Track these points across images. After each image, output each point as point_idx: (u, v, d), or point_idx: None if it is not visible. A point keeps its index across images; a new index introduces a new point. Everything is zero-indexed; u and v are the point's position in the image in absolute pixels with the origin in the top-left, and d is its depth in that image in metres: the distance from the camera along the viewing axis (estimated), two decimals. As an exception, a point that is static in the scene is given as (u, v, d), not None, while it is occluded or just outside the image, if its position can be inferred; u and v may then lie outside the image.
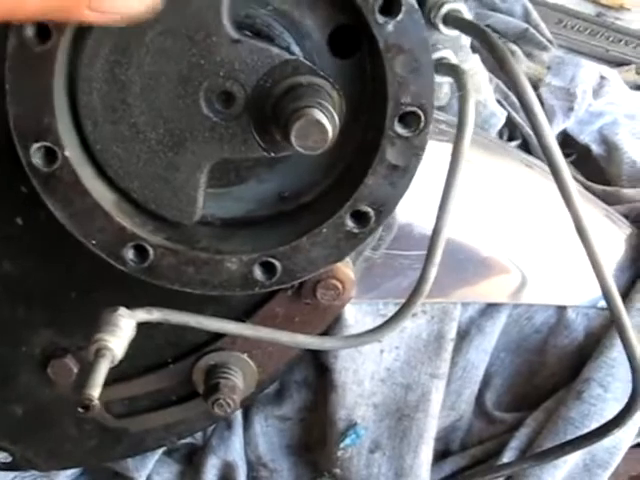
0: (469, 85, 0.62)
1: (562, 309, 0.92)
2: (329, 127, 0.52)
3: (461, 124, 0.61)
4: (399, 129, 0.57)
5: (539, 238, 0.88)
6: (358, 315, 0.84)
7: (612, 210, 0.99)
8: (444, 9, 0.69)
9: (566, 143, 1.21)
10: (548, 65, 1.30)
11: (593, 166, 1.18)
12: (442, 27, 0.70)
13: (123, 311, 0.60)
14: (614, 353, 0.87)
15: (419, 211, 0.78)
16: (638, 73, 1.48)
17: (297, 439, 0.93)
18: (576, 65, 1.26)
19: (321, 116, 0.52)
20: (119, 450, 0.84)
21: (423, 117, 0.56)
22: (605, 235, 0.93)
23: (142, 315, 0.62)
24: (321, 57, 0.59)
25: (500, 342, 0.92)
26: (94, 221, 0.60)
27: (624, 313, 0.70)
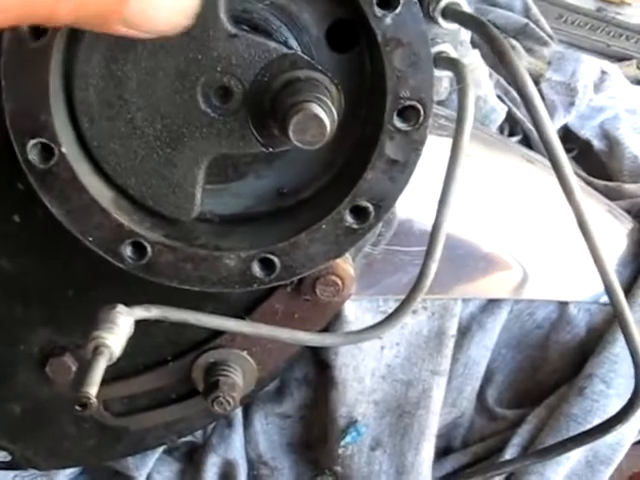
0: (469, 79, 0.61)
1: (564, 305, 0.92)
2: (327, 121, 0.52)
3: (461, 118, 0.61)
4: (398, 123, 0.56)
5: (540, 233, 0.88)
6: (358, 312, 0.84)
7: (614, 205, 0.99)
8: (443, 2, 0.68)
9: (567, 138, 1.21)
10: (549, 60, 1.29)
11: (594, 161, 1.18)
12: (441, 20, 0.69)
13: (121, 308, 0.60)
14: (617, 349, 0.86)
15: (419, 206, 0.78)
16: (639, 68, 1.47)
17: (298, 437, 0.93)
18: (577, 60, 1.26)
19: (319, 110, 0.52)
20: (119, 449, 0.84)
21: (422, 111, 0.56)
22: (607, 230, 0.93)
23: (140, 312, 0.61)
24: (319, 51, 0.58)
25: (501, 338, 0.92)
26: (91, 218, 0.59)
27: (627, 308, 0.70)
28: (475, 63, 0.98)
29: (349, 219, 0.60)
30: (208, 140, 0.57)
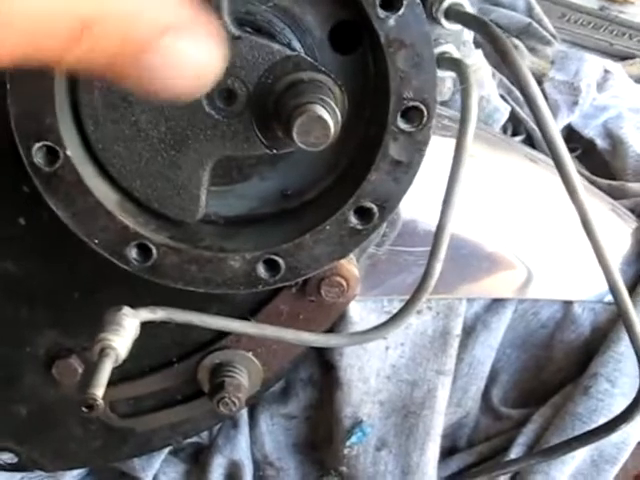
0: (472, 79, 0.61)
1: (568, 304, 0.91)
2: (331, 123, 0.52)
3: (464, 118, 0.61)
4: (402, 124, 0.56)
5: (544, 233, 0.88)
6: (363, 312, 0.84)
7: (618, 204, 0.98)
8: (446, 3, 0.69)
9: (571, 137, 1.21)
10: (552, 60, 1.29)
11: (598, 160, 1.18)
12: (444, 21, 0.70)
13: (127, 310, 0.60)
14: (621, 347, 0.86)
15: (423, 207, 0.78)
16: (642, 66, 1.47)
17: (303, 437, 0.93)
18: (580, 59, 1.25)
19: (323, 112, 0.52)
20: (125, 450, 0.84)
21: (426, 112, 0.56)
22: (611, 229, 0.93)
23: (146, 314, 0.61)
24: (322, 53, 0.58)
25: (506, 338, 0.92)
26: (97, 220, 0.59)
27: (631, 307, 0.70)
28: (478, 63, 0.98)
29: (353, 220, 0.60)
30: (212, 142, 0.57)
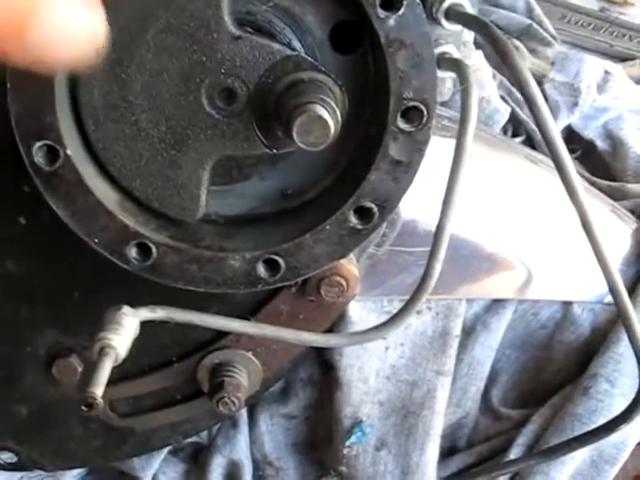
0: (472, 79, 0.61)
1: (568, 304, 0.92)
2: (331, 123, 0.52)
3: (464, 118, 0.61)
4: (402, 124, 0.57)
5: (544, 234, 0.88)
6: (362, 312, 0.84)
7: (618, 205, 0.99)
8: (446, 3, 0.69)
9: (571, 139, 1.21)
10: (552, 61, 1.29)
11: (598, 161, 1.18)
12: (444, 21, 0.70)
13: (127, 310, 0.60)
14: (621, 348, 0.86)
15: (423, 207, 0.78)
16: (643, 68, 1.47)
17: (303, 437, 0.93)
18: (580, 60, 1.26)
19: (323, 112, 0.52)
20: (125, 449, 0.84)
21: (426, 112, 0.56)
22: (611, 230, 0.93)
23: (146, 314, 0.61)
24: (323, 53, 0.58)
25: (506, 338, 0.92)
26: (97, 220, 0.60)
27: (631, 308, 0.70)
28: (478, 64, 0.98)
29: (353, 220, 0.60)
30: (212, 142, 0.57)
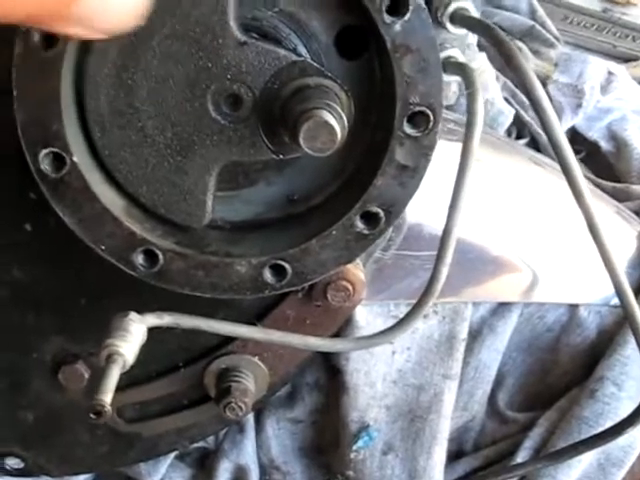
0: (478, 83, 0.61)
1: (574, 307, 0.91)
2: (337, 128, 0.52)
3: (470, 123, 0.61)
4: (408, 129, 0.56)
5: (550, 236, 0.88)
6: (369, 317, 0.84)
7: (623, 207, 0.98)
8: (451, 7, 0.69)
9: (575, 140, 1.20)
10: (555, 62, 1.29)
11: (602, 163, 1.18)
12: (449, 26, 0.70)
13: (134, 316, 0.60)
14: (628, 351, 0.86)
15: (429, 211, 0.78)
16: (646, 68, 1.47)
17: (309, 442, 0.93)
18: (583, 61, 1.25)
19: (329, 117, 0.52)
20: (131, 455, 0.84)
21: (432, 117, 0.56)
22: (616, 232, 0.93)
23: (153, 320, 0.61)
24: (329, 58, 0.58)
25: (512, 341, 0.92)
26: (103, 226, 0.60)
27: (637, 310, 0.70)
28: (482, 66, 0.98)
29: (360, 225, 0.60)
30: (219, 148, 0.57)
